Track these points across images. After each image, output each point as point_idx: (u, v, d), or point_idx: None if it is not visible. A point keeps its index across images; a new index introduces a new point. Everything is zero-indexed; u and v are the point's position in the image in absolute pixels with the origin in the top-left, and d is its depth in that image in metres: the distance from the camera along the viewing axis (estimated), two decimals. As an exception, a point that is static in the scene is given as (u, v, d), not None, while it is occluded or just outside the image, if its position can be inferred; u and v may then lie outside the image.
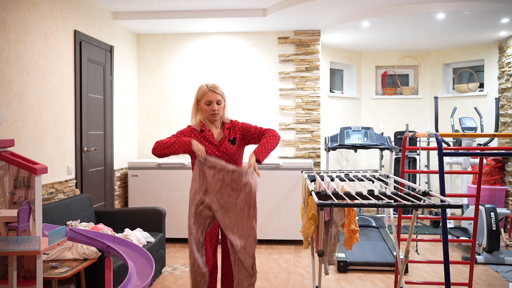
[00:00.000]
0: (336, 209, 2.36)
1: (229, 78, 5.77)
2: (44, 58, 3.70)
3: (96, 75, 4.62)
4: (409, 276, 3.98)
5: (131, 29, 5.58)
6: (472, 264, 3.26)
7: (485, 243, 4.42)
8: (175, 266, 4.31)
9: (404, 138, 3.43)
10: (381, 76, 7.03)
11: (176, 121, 5.82)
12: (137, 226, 4.09)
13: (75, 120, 4.22)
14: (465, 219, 3.36)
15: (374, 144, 5.06)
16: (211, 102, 2.68)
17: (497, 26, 5.25)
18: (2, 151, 2.52)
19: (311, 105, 5.66)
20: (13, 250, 2.25)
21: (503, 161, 5.81)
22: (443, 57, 6.75)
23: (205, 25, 5.39)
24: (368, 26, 5.24)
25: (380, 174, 3.18)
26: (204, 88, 2.70)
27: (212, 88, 2.69)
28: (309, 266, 4.28)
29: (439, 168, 2.87)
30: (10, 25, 3.27)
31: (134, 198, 5.20)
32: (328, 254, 2.47)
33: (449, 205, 2.05)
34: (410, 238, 2.69)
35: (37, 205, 2.50)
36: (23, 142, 3.42)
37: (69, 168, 4.10)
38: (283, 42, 5.69)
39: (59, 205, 3.55)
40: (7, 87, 3.24)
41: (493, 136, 3.23)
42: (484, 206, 4.51)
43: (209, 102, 2.68)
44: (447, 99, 6.69)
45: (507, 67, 5.75)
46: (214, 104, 2.69)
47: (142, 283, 2.52)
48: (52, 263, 2.90)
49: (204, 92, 2.69)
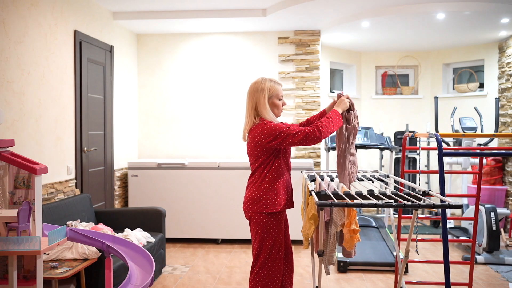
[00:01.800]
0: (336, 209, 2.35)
1: (229, 78, 5.77)
2: (44, 58, 3.70)
3: (96, 75, 4.62)
4: (409, 276, 3.98)
5: (131, 29, 5.58)
6: (472, 264, 3.26)
7: (485, 243, 4.42)
8: (175, 266, 4.31)
9: (404, 138, 3.43)
10: (381, 76, 7.03)
11: (176, 121, 5.83)
12: (137, 226, 4.09)
13: (75, 120, 4.22)
14: (465, 219, 3.36)
15: (374, 144, 5.05)
16: (282, 97, 2.67)
17: (497, 26, 5.25)
18: (2, 151, 2.52)
19: (311, 105, 5.66)
20: (13, 250, 2.25)
21: (503, 161, 5.81)
22: (443, 57, 6.75)
23: (205, 25, 5.39)
24: (368, 26, 5.24)
25: (380, 174, 3.18)
26: (273, 84, 2.61)
27: (279, 82, 2.67)
28: (309, 266, 4.28)
29: (439, 168, 2.87)
30: (10, 25, 3.27)
31: (134, 198, 5.20)
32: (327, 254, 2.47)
33: (449, 205, 2.05)
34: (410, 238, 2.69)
35: (37, 205, 2.50)
36: (23, 142, 3.42)
37: (69, 168, 4.10)
38: (283, 42, 5.69)
39: (59, 205, 3.55)
40: (7, 87, 3.24)
41: (493, 136, 3.23)
42: (484, 206, 4.51)
43: (281, 97, 2.65)
44: (447, 99, 6.69)
45: (507, 67, 5.75)
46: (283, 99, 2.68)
47: (142, 283, 2.52)
48: (52, 263, 2.90)
49: (277, 88, 2.61)
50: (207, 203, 5.13)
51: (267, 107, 2.56)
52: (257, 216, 2.55)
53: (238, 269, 4.24)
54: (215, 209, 5.12)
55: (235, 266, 4.32)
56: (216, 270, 4.20)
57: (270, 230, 2.53)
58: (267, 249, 2.54)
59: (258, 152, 2.54)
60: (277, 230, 2.55)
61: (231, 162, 5.13)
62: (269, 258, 2.54)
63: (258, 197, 2.54)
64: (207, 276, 4.04)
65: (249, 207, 2.57)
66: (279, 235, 2.56)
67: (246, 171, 5.04)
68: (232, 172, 5.09)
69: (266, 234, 2.53)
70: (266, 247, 2.53)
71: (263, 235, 2.54)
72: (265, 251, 2.54)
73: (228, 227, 5.11)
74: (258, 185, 2.56)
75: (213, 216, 5.12)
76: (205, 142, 5.81)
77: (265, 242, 2.54)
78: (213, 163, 5.14)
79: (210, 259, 4.57)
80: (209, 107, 5.79)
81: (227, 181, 5.10)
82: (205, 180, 5.12)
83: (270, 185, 2.54)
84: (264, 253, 2.54)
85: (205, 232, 5.15)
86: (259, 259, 2.56)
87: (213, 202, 5.12)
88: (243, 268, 4.26)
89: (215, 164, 5.13)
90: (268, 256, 2.54)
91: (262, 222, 2.53)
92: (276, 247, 2.55)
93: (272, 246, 2.54)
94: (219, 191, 5.11)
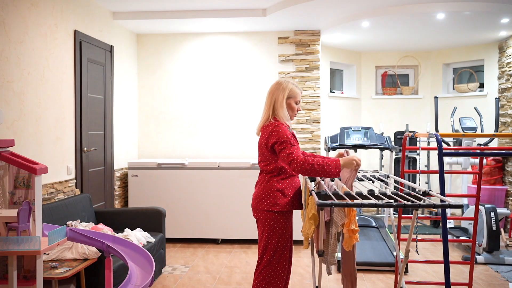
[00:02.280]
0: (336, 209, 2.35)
1: (229, 78, 5.77)
2: (44, 58, 3.70)
3: (96, 75, 4.62)
4: (409, 276, 3.98)
5: (131, 29, 5.57)
6: (472, 264, 3.26)
7: (485, 243, 4.42)
8: (175, 266, 4.31)
9: (404, 138, 3.43)
10: (381, 76, 7.03)
11: (176, 121, 5.83)
12: (137, 226, 4.09)
13: (75, 120, 4.22)
14: (465, 219, 3.36)
15: (374, 144, 5.05)
16: (299, 102, 2.69)
17: (497, 26, 5.25)
18: (2, 151, 2.52)
19: (311, 105, 5.66)
20: (13, 250, 2.25)
21: (503, 161, 5.81)
22: (443, 57, 6.75)
23: (205, 25, 5.39)
24: (368, 26, 5.24)
25: (380, 174, 3.18)
26: (294, 88, 2.65)
27: (300, 88, 2.70)
28: (309, 266, 4.28)
29: (439, 168, 2.87)
30: (10, 25, 3.27)
31: (134, 198, 5.20)
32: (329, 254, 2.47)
33: (449, 205, 2.05)
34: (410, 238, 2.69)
35: (37, 205, 2.50)
36: (23, 142, 3.42)
37: (69, 168, 4.10)
38: (283, 42, 5.69)
39: (59, 205, 3.55)
40: (7, 87, 3.24)
41: (493, 136, 3.23)
42: (484, 206, 4.51)
43: (298, 101, 2.68)
44: (447, 99, 6.69)
45: (507, 67, 5.75)
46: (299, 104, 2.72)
47: (142, 283, 2.52)
48: (52, 263, 2.90)
49: (296, 91, 2.65)
50: (207, 203, 5.13)
51: (284, 106, 2.61)
52: (264, 214, 2.56)
53: (238, 269, 4.24)
54: (215, 209, 5.12)
55: (235, 266, 4.32)
56: (216, 270, 4.20)
57: (276, 228, 2.54)
58: (272, 247, 2.55)
59: (266, 150, 2.57)
60: (283, 229, 2.56)
61: (231, 162, 5.13)
62: (274, 257, 2.55)
63: (265, 195, 2.57)
64: (207, 276, 4.04)
65: (257, 204, 2.60)
66: (285, 234, 2.56)
67: (246, 171, 5.04)
68: (232, 172, 5.09)
69: (272, 232, 2.55)
70: (272, 245, 2.55)
71: (269, 232, 2.55)
72: (271, 249, 2.55)
73: (228, 227, 5.11)
74: (265, 183, 2.59)
75: (213, 216, 5.12)
76: (205, 142, 5.81)
77: (271, 240, 2.55)
78: (213, 163, 5.14)
79: (210, 259, 4.57)
80: (209, 107, 5.79)
81: (227, 181, 5.10)
82: (205, 180, 5.12)
83: (278, 183, 2.56)
84: (270, 251, 2.55)
85: (205, 232, 5.14)
86: (264, 257, 2.57)
87: (213, 202, 5.12)
88: (243, 268, 4.26)
89: (215, 164, 5.13)
90: (273, 254, 2.55)
91: (269, 220, 2.55)
92: (282, 246, 2.55)
93: (277, 245, 2.55)
94: (219, 191, 5.11)
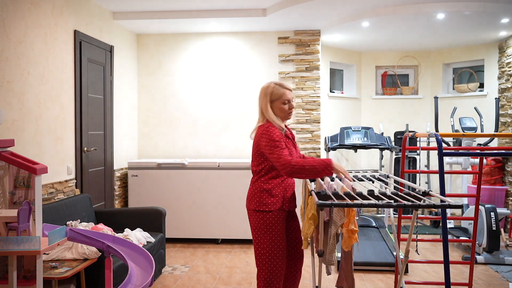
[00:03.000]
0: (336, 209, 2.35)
1: (229, 78, 5.77)
2: (44, 58, 3.70)
3: (96, 75, 4.62)
4: (409, 276, 3.98)
5: (131, 29, 5.57)
6: (472, 264, 3.26)
7: (485, 243, 4.42)
8: (175, 266, 4.31)
9: (404, 138, 3.43)
10: (381, 76, 7.03)
11: (176, 121, 5.83)
12: (137, 226, 4.09)
13: (75, 120, 4.22)
14: (465, 219, 3.36)
15: (374, 144, 5.05)
16: (289, 101, 2.65)
17: (497, 26, 5.25)
18: (2, 151, 2.52)
19: (311, 105, 5.66)
20: (13, 250, 2.25)
21: (503, 161, 5.81)
22: (443, 57, 6.75)
23: (205, 25, 5.39)
24: (368, 26, 5.24)
25: (380, 174, 3.17)
26: (278, 88, 2.62)
27: (287, 86, 2.66)
28: (309, 266, 4.28)
29: (439, 168, 2.87)
30: (10, 25, 3.27)
31: (134, 198, 5.20)
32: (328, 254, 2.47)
33: (449, 205, 2.05)
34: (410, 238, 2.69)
35: (37, 205, 2.50)
36: (23, 142, 3.42)
37: (69, 168, 4.10)
38: (283, 42, 5.69)
39: (59, 205, 3.55)
40: (7, 87, 3.24)
41: (493, 136, 3.23)
42: (484, 206, 4.51)
43: (287, 101, 2.64)
44: (447, 99, 6.69)
45: (507, 67, 5.75)
46: (292, 102, 2.67)
47: (142, 283, 2.52)
48: (52, 263, 2.90)
49: (281, 92, 2.62)
50: (207, 203, 5.13)
51: (269, 110, 2.62)
52: (253, 213, 2.60)
53: (238, 269, 4.24)
54: (215, 209, 5.12)
55: (235, 266, 4.32)
56: (216, 270, 4.20)
57: (264, 229, 2.55)
58: (265, 247, 2.55)
59: (257, 152, 2.61)
60: (274, 229, 2.55)
61: (231, 162, 5.13)
62: (269, 257, 2.55)
63: (253, 195, 2.61)
64: (207, 276, 4.04)
65: (247, 204, 2.65)
66: (278, 235, 2.56)
67: (246, 171, 5.04)
68: (232, 172, 5.09)
69: (261, 232, 2.56)
70: (264, 244, 2.55)
71: (258, 232, 2.57)
72: (264, 248, 2.56)
73: (228, 227, 5.11)
74: (253, 184, 2.64)
75: (213, 216, 5.12)
76: (205, 142, 5.81)
77: (262, 240, 2.56)
78: (213, 163, 5.14)
79: (210, 259, 4.57)
80: (209, 107, 5.79)
81: (227, 181, 5.10)
82: (205, 180, 5.12)
83: (265, 184, 2.58)
84: (263, 251, 2.56)
85: (205, 232, 5.15)
86: (257, 257, 2.59)
87: (213, 202, 5.12)
88: (243, 268, 4.26)
89: (215, 164, 5.13)
90: (267, 255, 2.55)
91: (257, 219, 2.57)
92: (276, 246, 2.55)
93: (271, 246, 2.54)
94: (219, 191, 5.11)
